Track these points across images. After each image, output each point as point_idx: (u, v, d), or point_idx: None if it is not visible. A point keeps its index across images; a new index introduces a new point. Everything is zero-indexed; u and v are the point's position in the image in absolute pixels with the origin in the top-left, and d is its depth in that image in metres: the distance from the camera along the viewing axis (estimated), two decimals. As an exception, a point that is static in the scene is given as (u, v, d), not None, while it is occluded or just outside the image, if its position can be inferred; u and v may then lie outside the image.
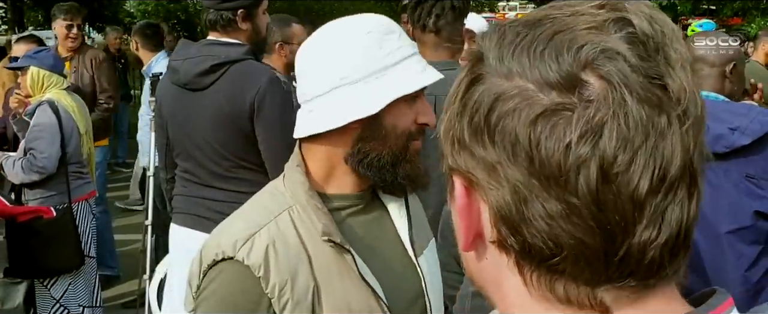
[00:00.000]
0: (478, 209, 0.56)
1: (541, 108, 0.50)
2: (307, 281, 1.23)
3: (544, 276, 0.53)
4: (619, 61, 0.49)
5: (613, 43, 0.50)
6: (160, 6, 22.40)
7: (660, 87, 0.50)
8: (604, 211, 0.49)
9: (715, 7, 17.08)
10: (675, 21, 16.49)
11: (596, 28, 0.51)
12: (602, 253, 0.50)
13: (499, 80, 0.53)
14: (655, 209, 0.50)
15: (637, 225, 0.50)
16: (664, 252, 0.51)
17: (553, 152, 0.49)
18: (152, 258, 4.06)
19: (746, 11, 15.63)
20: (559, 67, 0.50)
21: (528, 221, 0.51)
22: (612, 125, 0.48)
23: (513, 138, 0.51)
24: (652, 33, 0.51)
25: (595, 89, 0.49)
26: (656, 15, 0.52)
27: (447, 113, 0.58)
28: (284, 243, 1.23)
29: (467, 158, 0.55)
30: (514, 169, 0.51)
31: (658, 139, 0.49)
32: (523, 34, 0.53)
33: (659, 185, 0.49)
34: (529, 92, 0.51)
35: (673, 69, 0.50)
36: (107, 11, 18.12)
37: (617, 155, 0.48)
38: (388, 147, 1.27)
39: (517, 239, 0.53)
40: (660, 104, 0.49)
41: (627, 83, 0.49)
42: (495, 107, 0.52)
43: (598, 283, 0.51)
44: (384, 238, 1.37)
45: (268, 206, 1.29)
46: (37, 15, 18.41)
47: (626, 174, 0.49)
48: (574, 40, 0.51)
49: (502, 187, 0.52)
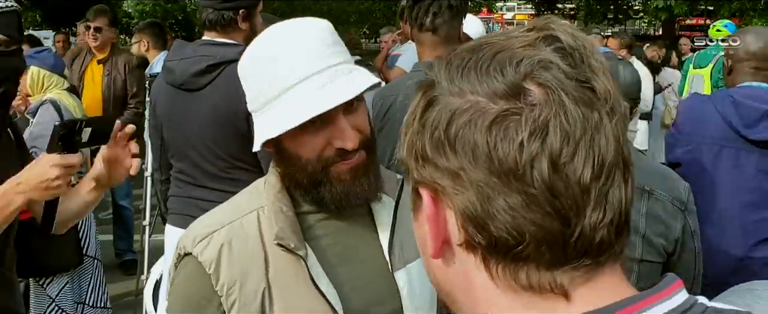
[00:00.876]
0: (445, 216, 0.61)
1: (493, 115, 0.56)
2: (258, 283, 1.21)
3: (509, 266, 0.58)
4: (553, 69, 0.57)
5: (546, 55, 0.58)
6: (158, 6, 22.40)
7: (589, 89, 0.57)
8: (557, 197, 0.56)
9: (712, 8, 17.09)
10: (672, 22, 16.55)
11: (530, 45, 0.59)
12: (560, 235, 0.56)
13: (452, 98, 0.59)
14: (599, 193, 0.57)
15: (587, 208, 0.56)
16: (610, 230, 0.58)
17: (509, 151, 0.56)
18: (150, 259, 4.06)
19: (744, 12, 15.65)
20: (504, 79, 0.57)
21: (493, 216, 0.57)
22: (555, 123, 0.55)
23: (472, 145, 0.57)
24: (576, 46, 0.59)
25: (536, 95, 0.56)
26: (577, 32, 0.61)
27: (407, 134, 0.64)
28: (242, 243, 1.22)
29: (432, 170, 0.60)
30: (476, 172, 0.57)
31: (594, 132, 0.56)
32: (468, 58, 0.60)
33: (600, 171, 0.56)
34: (481, 104, 0.57)
35: (597, 75, 0.58)
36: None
37: (563, 148, 0.55)
38: (301, 172, 1.21)
39: (483, 235, 0.58)
40: (592, 103, 0.57)
41: (562, 87, 0.56)
42: (452, 121, 0.58)
43: (557, 265, 0.58)
44: (361, 247, 1.31)
45: (240, 205, 1.29)
46: (34, 15, 18.41)
47: (572, 164, 0.55)
48: (513, 56, 0.58)
49: (467, 190, 0.58)
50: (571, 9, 28.98)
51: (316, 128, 1.17)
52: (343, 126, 1.17)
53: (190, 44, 2.71)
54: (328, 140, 1.18)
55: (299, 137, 1.18)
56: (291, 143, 1.20)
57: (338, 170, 1.20)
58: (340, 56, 1.20)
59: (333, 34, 1.22)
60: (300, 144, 1.19)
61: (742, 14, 15.80)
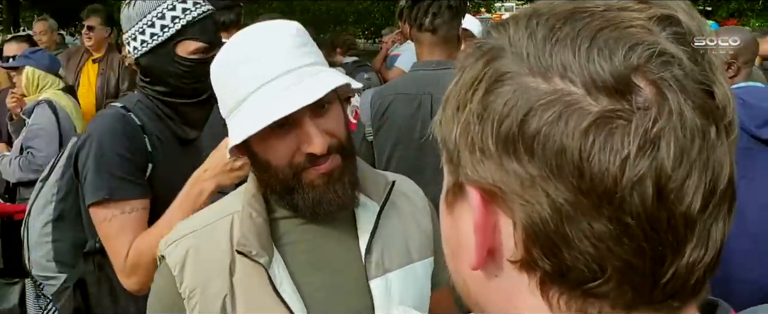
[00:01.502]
0: (495, 223, 0.50)
1: (593, 116, 0.44)
2: (220, 289, 1.19)
3: (576, 300, 0.48)
4: (673, 65, 0.44)
5: (666, 45, 0.45)
6: (156, 6, 22.32)
7: (708, 94, 0.45)
8: (656, 230, 0.45)
9: (710, 9, 17.11)
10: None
11: (643, 27, 0.46)
12: (650, 275, 0.46)
13: (533, 79, 0.46)
14: (703, 227, 0.46)
15: (687, 244, 0.46)
16: (706, 272, 0.48)
17: (608, 165, 0.44)
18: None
19: (742, 13, 15.67)
20: (612, 68, 0.44)
21: (569, 242, 0.46)
22: (669, 137, 0.43)
23: (559, 150, 0.45)
24: (696, 31, 0.47)
25: (648, 95, 0.44)
26: (695, 13, 0.48)
27: (462, 113, 0.50)
28: (210, 248, 1.21)
29: (494, 170, 0.48)
30: (557, 184, 0.45)
31: (710, 151, 0.45)
32: (559, 27, 0.47)
33: (709, 201, 0.45)
34: (576, 96, 0.45)
35: (716, 75, 0.46)
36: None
37: (675, 169, 0.44)
38: (273, 178, 1.17)
39: (551, 261, 0.47)
40: (711, 114, 0.45)
41: (683, 89, 0.44)
42: (533, 113, 0.46)
43: (638, 306, 0.48)
44: (338, 254, 1.25)
45: (219, 208, 1.28)
46: (32, 15, 18.37)
47: (681, 190, 0.44)
48: (623, 38, 0.45)
49: (540, 204, 0.46)
50: (570, 9, 28.97)
51: (284, 132, 1.13)
52: (311, 130, 1.12)
53: None
54: (298, 145, 1.14)
55: (268, 142, 1.14)
56: (260, 148, 1.16)
57: (310, 176, 1.15)
58: (309, 57, 1.16)
59: (302, 36, 1.18)
60: (269, 149, 1.15)
61: (740, 15, 15.82)
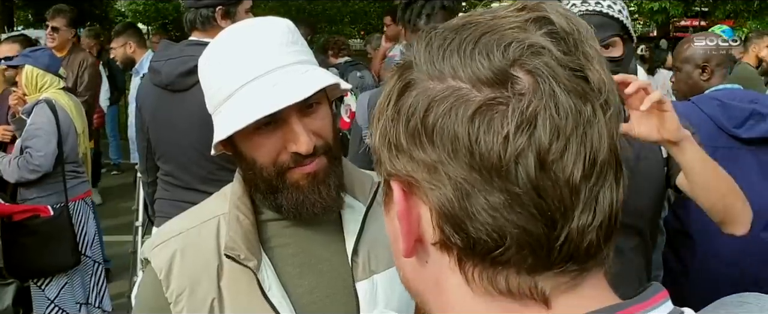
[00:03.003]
0: (418, 213, 0.57)
1: (476, 104, 0.51)
2: (207, 293, 1.17)
3: (487, 270, 0.54)
4: (545, 55, 0.52)
5: (537, 40, 0.53)
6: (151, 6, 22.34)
7: (582, 79, 0.52)
8: (543, 198, 0.51)
9: (706, 10, 17.15)
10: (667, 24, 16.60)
11: (520, 28, 0.53)
12: (545, 239, 0.52)
13: (431, 82, 0.54)
14: (589, 193, 0.52)
15: (575, 210, 0.52)
16: (599, 234, 0.53)
17: (493, 144, 0.51)
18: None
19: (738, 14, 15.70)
20: (490, 64, 0.52)
21: (471, 215, 0.52)
22: (545, 115, 0.50)
23: (452, 136, 0.52)
24: (570, 30, 0.54)
25: (525, 83, 0.51)
26: (571, 15, 0.55)
27: (380, 120, 0.58)
28: (196, 251, 1.19)
29: (406, 162, 0.55)
30: (455, 166, 0.52)
31: (587, 126, 0.52)
32: (451, 38, 0.55)
33: (591, 170, 0.52)
34: (463, 91, 0.52)
35: (591, 63, 0.53)
36: (97, 10, 18.05)
37: (552, 143, 0.50)
38: (258, 177, 1.16)
39: (460, 236, 0.53)
40: (585, 94, 0.52)
41: (554, 75, 0.51)
42: (431, 109, 0.53)
43: (540, 270, 0.53)
44: (325, 256, 1.24)
45: (205, 210, 1.26)
46: (26, 14, 18.33)
47: (561, 161, 0.51)
48: (501, 39, 0.53)
49: (444, 185, 0.53)
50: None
51: (270, 130, 1.11)
52: (297, 129, 1.11)
53: (176, 44, 2.68)
54: (284, 144, 1.12)
55: (253, 140, 1.13)
56: (246, 146, 1.15)
57: (294, 176, 1.14)
58: (299, 55, 1.15)
59: (292, 33, 1.16)
60: (254, 147, 1.14)
61: (736, 16, 15.85)
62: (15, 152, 3.56)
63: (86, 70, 5.12)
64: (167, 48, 2.66)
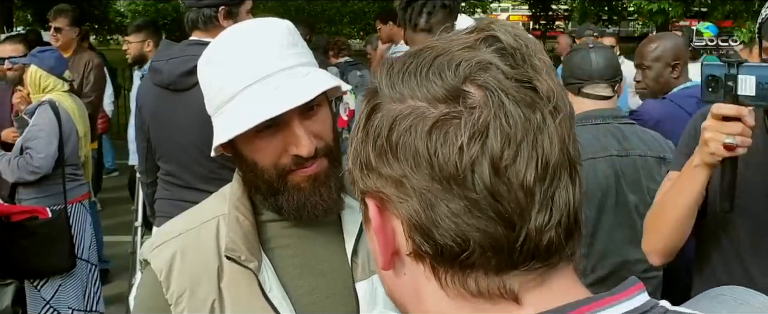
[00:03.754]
0: (392, 227, 0.60)
1: (432, 120, 0.55)
2: (208, 294, 1.17)
3: (457, 274, 0.57)
4: (492, 70, 0.56)
5: (485, 56, 0.57)
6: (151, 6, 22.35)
7: (531, 89, 0.56)
8: (500, 201, 0.54)
9: (705, 10, 17.16)
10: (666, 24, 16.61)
11: (470, 47, 0.58)
12: (505, 240, 0.55)
13: (393, 104, 0.58)
14: (544, 195, 0.55)
15: (531, 211, 0.55)
16: (559, 232, 0.56)
17: (449, 155, 0.55)
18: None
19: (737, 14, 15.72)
20: (443, 83, 0.56)
21: (436, 223, 0.56)
22: (495, 125, 0.54)
23: (413, 151, 0.56)
24: (517, 45, 0.58)
25: (476, 97, 0.55)
26: (519, 32, 0.59)
27: (352, 144, 0.63)
28: (196, 252, 1.19)
29: (375, 179, 0.59)
30: (418, 178, 0.56)
31: (537, 132, 0.55)
32: (408, 63, 0.59)
33: (544, 172, 0.55)
34: (421, 109, 0.56)
35: (540, 74, 0.57)
36: (96, 11, 18.05)
37: (504, 150, 0.54)
38: (259, 179, 1.16)
39: (429, 244, 0.57)
40: (533, 103, 0.56)
41: (502, 88, 0.55)
42: (394, 128, 0.57)
43: (506, 270, 0.56)
44: (325, 257, 1.24)
45: (204, 211, 1.26)
46: (26, 14, 18.34)
47: (514, 166, 0.54)
48: (452, 59, 0.57)
49: (410, 198, 0.57)
50: (565, 10, 29.06)
51: (271, 133, 1.11)
52: (299, 132, 1.11)
53: (177, 44, 2.68)
54: (285, 147, 1.12)
55: (254, 142, 1.13)
56: (247, 148, 1.15)
57: (295, 178, 1.14)
58: (299, 58, 1.15)
59: (293, 35, 1.16)
60: (255, 150, 1.14)
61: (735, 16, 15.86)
62: (15, 152, 3.55)
63: (92, 71, 5.11)
64: (168, 47, 2.66)
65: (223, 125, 1.13)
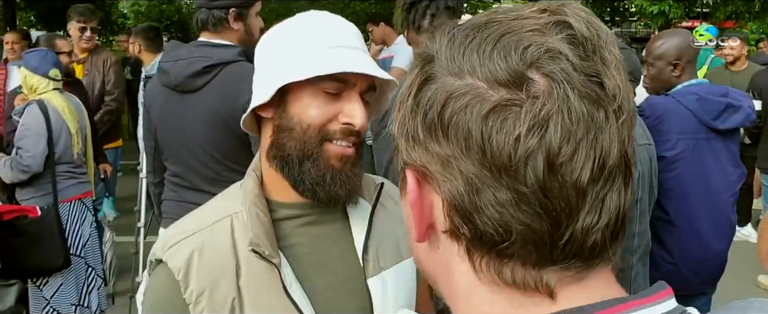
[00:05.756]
0: (430, 201, 0.59)
1: (491, 104, 0.53)
2: (227, 292, 1.17)
3: (494, 261, 0.56)
4: (561, 60, 0.53)
5: (555, 44, 0.54)
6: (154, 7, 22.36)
7: (598, 84, 0.54)
8: (550, 198, 0.53)
9: (708, 11, 17.14)
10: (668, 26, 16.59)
11: (539, 31, 0.55)
12: (548, 237, 0.53)
13: (450, 78, 0.56)
14: (596, 196, 0.53)
15: (580, 211, 0.53)
16: (605, 235, 0.55)
17: (504, 144, 0.52)
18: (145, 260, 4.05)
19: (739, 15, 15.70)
20: (507, 66, 0.53)
21: (480, 209, 0.54)
22: (557, 119, 0.52)
23: (466, 133, 0.54)
24: (589, 35, 0.55)
25: (540, 86, 0.53)
26: (592, 20, 0.56)
27: (400, 110, 0.60)
28: (213, 250, 1.18)
29: (421, 153, 0.57)
30: (467, 162, 0.54)
31: (598, 132, 0.53)
32: (472, 36, 0.56)
33: (600, 173, 0.53)
34: (480, 90, 0.54)
35: (608, 68, 0.54)
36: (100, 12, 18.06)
37: (562, 147, 0.52)
38: (294, 141, 1.17)
39: (469, 227, 0.55)
40: (598, 100, 0.53)
41: (569, 80, 0.53)
42: (448, 104, 0.55)
43: (544, 265, 0.55)
44: (337, 255, 1.26)
45: (215, 210, 1.26)
46: (28, 16, 18.36)
47: (570, 164, 0.52)
48: (520, 41, 0.54)
49: (455, 179, 0.55)
50: (567, 11, 28.98)
51: (331, 97, 1.16)
52: (357, 104, 1.16)
53: (185, 45, 2.68)
54: (336, 114, 1.16)
55: (313, 100, 1.16)
56: (298, 105, 1.17)
57: (333, 149, 1.17)
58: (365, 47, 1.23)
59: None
60: (308, 107, 1.16)
61: (737, 17, 15.85)
62: (13, 153, 3.58)
63: (111, 68, 5.16)
64: (176, 49, 2.65)
65: (291, 71, 1.14)
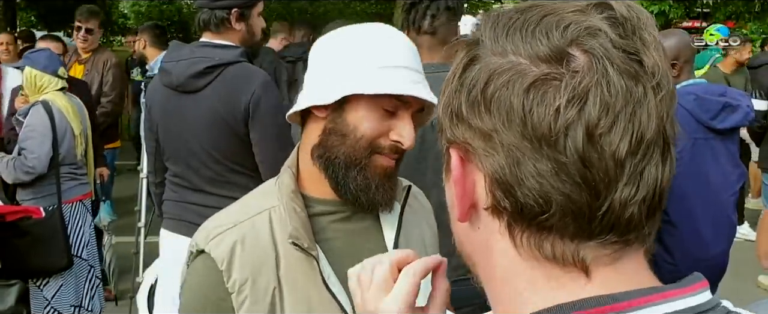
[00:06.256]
0: (473, 180, 0.60)
1: (532, 78, 0.55)
2: (269, 282, 1.23)
3: (534, 235, 0.58)
4: (601, 37, 0.55)
5: (595, 23, 0.56)
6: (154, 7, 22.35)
7: (637, 62, 0.56)
8: (589, 168, 0.54)
9: (708, 11, 17.14)
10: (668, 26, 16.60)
11: (580, 11, 0.57)
12: (587, 208, 0.55)
13: (494, 58, 0.58)
14: (634, 169, 0.55)
15: (619, 182, 0.55)
16: (641, 208, 0.56)
17: (544, 115, 0.54)
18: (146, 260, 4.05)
19: (739, 15, 15.71)
20: (549, 43, 0.56)
21: (520, 181, 0.56)
22: (595, 92, 0.54)
23: (508, 106, 0.56)
24: (629, 16, 0.57)
25: (580, 62, 0.55)
26: (632, 3, 0.58)
27: (445, 92, 0.63)
28: (254, 242, 1.24)
29: (464, 130, 0.60)
30: (508, 134, 0.56)
31: (636, 106, 0.55)
32: (515, 18, 0.59)
33: (637, 147, 0.55)
34: (522, 66, 0.56)
35: (648, 48, 0.56)
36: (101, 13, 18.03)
37: (600, 118, 0.54)
38: (345, 147, 1.24)
39: (510, 200, 0.57)
40: (637, 76, 0.55)
41: (608, 56, 0.55)
42: (491, 81, 0.57)
43: (582, 239, 0.56)
44: (368, 251, 1.29)
45: (252, 204, 1.31)
46: (29, 16, 18.35)
47: (608, 136, 0.54)
48: (561, 20, 0.57)
49: (497, 153, 0.57)
50: (567, 11, 28.99)
51: (389, 114, 1.24)
52: (409, 126, 1.24)
53: (187, 45, 2.68)
54: (388, 131, 1.24)
55: (368, 113, 1.23)
56: (355, 115, 1.23)
57: (379, 161, 1.26)
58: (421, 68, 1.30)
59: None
60: (365, 120, 1.23)
61: (737, 17, 15.85)
62: (14, 154, 3.58)
63: (111, 70, 5.18)
64: (178, 49, 2.65)
65: (358, 84, 1.21)
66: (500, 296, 0.62)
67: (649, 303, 0.55)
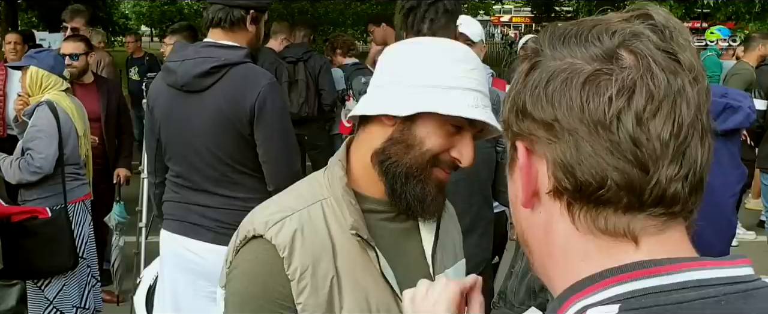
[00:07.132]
0: (536, 169, 0.70)
1: (587, 73, 0.65)
2: (327, 270, 1.27)
3: (591, 211, 0.66)
4: (644, 40, 0.65)
5: (639, 29, 0.66)
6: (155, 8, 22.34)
7: (675, 60, 0.65)
8: (639, 147, 0.63)
9: (709, 12, 17.14)
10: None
11: (626, 20, 0.68)
12: (638, 182, 0.64)
13: (553, 62, 0.68)
14: (677, 149, 0.64)
15: (664, 160, 0.63)
16: (684, 185, 0.65)
17: (599, 104, 0.64)
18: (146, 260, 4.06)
19: (739, 16, 15.70)
20: (601, 45, 0.66)
21: (580, 161, 0.65)
22: (641, 84, 0.63)
23: (567, 99, 0.65)
24: (667, 24, 0.67)
25: (627, 60, 0.65)
26: (670, 15, 0.69)
27: (510, 96, 0.72)
28: (312, 231, 1.28)
29: (529, 123, 0.69)
30: (568, 120, 0.65)
31: (677, 96, 0.64)
32: (570, 29, 0.69)
33: (678, 130, 0.63)
34: (578, 65, 0.66)
35: (684, 50, 0.66)
36: (102, 13, 18.07)
37: (646, 106, 0.63)
38: (409, 157, 1.30)
39: (570, 180, 0.66)
40: (676, 72, 0.64)
41: (651, 55, 0.64)
42: (551, 80, 0.67)
43: (634, 211, 0.65)
44: (408, 252, 1.40)
45: (303, 195, 1.35)
46: (30, 17, 18.37)
47: (654, 120, 0.63)
48: (610, 28, 0.67)
49: (558, 139, 0.66)
50: (569, 12, 29.01)
51: (454, 133, 1.29)
52: (470, 146, 1.31)
53: (191, 45, 2.66)
54: (449, 148, 1.30)
55: (436, 129, 1.28)
56: (424, 129, 1.29)
57: (438, 175, 1.32)
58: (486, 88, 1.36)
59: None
60: (431, 135, 1.29)
61: (737, 18, 15.85)
62: (16, 154, 3.58)
63: (104, 70, 5.16)
64: (182, 48, 2.64)
65: (430, 102, 1.27)
66: (556, 271, 0.71)
67: (688, 268, 0.63)
